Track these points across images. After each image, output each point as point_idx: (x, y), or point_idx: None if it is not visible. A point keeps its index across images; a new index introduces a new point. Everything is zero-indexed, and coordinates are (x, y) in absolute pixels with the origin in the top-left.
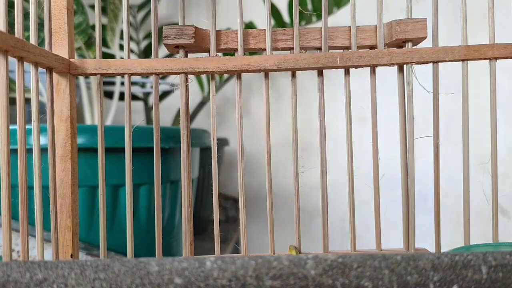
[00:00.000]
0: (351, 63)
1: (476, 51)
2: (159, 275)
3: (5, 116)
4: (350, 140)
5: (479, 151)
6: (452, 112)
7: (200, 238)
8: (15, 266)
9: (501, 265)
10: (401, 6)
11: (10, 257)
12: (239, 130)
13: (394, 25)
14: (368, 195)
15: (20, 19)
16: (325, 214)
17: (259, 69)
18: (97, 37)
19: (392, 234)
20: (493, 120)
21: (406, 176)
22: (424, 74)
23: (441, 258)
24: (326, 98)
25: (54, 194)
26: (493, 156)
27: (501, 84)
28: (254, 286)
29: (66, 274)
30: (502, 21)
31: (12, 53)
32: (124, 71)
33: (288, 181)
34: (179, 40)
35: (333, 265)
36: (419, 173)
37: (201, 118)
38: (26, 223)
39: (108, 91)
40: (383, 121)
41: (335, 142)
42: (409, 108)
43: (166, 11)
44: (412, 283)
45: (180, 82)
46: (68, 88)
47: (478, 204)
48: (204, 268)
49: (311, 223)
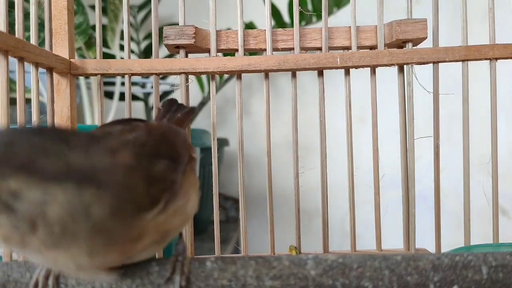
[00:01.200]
0: (351, 64)
1: (476, 52)
2: (159, 275)
3: (5, 116)
4: (350, 140)
5: (479, 151)
6: (452, 112)
7: (200, 238)
8: (15, 266)
9: (501, 265)
10: (401, 6)
11: (10, 257)
12: (239, 130)
13: (394, 25)
14: (368, 195)
15: (21, 19)
16: (325, 214)
17: (260, 69)
18: (97, 37)
19: (392, 234)
20: (494, 120)
21: (406, 176)
22: (425, 75)
23: (441, 258)
24: (326, 98)
25: None
26: (493, 156)
27: (501, 84)
28: (254, 286)
29: (66, 274)
30: (503, 21)
31: (12, 53)
32: (124, 71)
33: (288, 181)
34: (180, 40)
35: (333, 265)
36: (419, 173)
37: (201, 118)
38: None
39: (108, 91)
40: (383, 121)
41: (335, 142)
42: (409, 108)
43: (166, 11)
44: (412, 283)
45: (180, 82)
46: (68, 88)
47: (478, 204)
48: (204, 268)
49: (311, 223)
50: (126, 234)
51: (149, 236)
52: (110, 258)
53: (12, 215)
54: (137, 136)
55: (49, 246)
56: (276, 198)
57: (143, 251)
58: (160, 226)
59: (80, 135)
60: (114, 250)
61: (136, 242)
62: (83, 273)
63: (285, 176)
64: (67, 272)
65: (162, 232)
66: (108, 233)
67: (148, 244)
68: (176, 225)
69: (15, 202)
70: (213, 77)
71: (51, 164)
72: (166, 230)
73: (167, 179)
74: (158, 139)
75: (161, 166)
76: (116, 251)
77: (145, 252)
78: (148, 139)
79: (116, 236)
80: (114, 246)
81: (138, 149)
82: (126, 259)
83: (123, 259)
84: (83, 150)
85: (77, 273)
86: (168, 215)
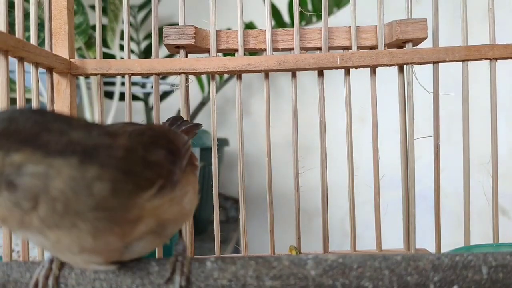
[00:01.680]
0: (351, 64)
1: (476, 52)
2: (159, 275)
3: None
4: (350, 140)
5: (479, 151)
6: (452, 112)
7: (200, 238)
8: (15, 266)
9: (501, 265)
10: (401, 6)
11: (10, 257)
12: (239, 130)
13: (394, 25)
14: (368, 195)
15: (21, 19)
16: (325, 214)
17: (260, 69)
18: (97, 37)
19: (392, 234)
20: (494, 120)
21: (406, 176)
22: (425, 75)
23: (441, 258)
24: (326, 98)
25: None
26: (493, 156)
27: (501, 84)
28: (254, 286)
29: (66, 274)
30: (503, 21)
31: (12, 54)
32: (124, 71)
33: (288, 181)
34: (180, 40)
35: (333, 265)
36: (419, 173)
37: (201, 118)
38: None
39: (108, 91)
40: (383, 121)
41: (335, 142)
42: (409, 108)
43: (166, 11)
44: (412, 283)
45: (180, 82)
46: (68, 88)
47: (478, 204)
48: (204, 268)
49: (311, 223)
50: (126, 215)
51: (146, 220)
52: (111, 240)
53: (14, 192)
54: (137, 127)
55: (51, 226)
56: (276, 198)
57: (141, 239)
58: (157, 212)
59: (80, 119)
60: (115, 232)
61: (134, 225)
62: (85, 259)
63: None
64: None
65: (159, 220)
66: (110, 212)
67: (146, 231)
68: (172, 217)
69: (17, 177)
70: (213, 77)
71: (55, 140)
72: (163, 220)
73: (164, 167)
74: (158, 133)
75: (158, 154)
76: (117, 233)
77: (142, 242)
78: (147, 131)
79: (116, 216)
80: (115, 226)
81: (137, 137)
82: (125, 251)
83: (122, 247)
84: (84, 130)
85: (79, 258)
86: (164, 202)
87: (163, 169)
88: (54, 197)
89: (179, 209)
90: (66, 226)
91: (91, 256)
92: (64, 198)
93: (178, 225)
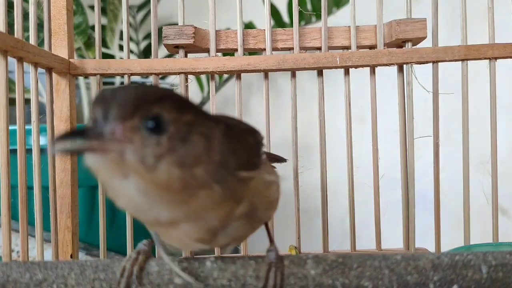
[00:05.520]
0: (351, 63)
1: (476, 51)
2: (159, 275)
3: (5, 116)
4: (350, 140)
5: (479, 151)
6: (452, 112)
7: None
8: (15, 266)
9: (501, 264)
10: (401, 6)
11: (10, 257)
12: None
13: (394, 25)
14: (368, 195)
15: (20, 19)
16: (325, 214)
17: (259, 69)
18: (96, 37)
19: (392, 234)
20: (493, 120)
21: (406, 176)
22: (424, 74)
23: (441, 258)
24: (326, 98)
25: (54, 194)
26: (493, 156)
27: (501, 84)
28: (254, 286)
29: (66, 274)
30: (502, 21)
31: (11, 54)
32: (124, 71)
33: (288, 181)
34: (179, 40)
35: (333, 265)
36: (419, 173)
37: None
38: (26, 223)
39: None
40: (383, 121)
41: (335, 142)
42: (409, 108)
43: (166, 11)
44: (412, 282)
45: (179, 82)
46: (67, 88)
47: (478, 204)
48: (204, 268)
49: (311, 223)
50: (237, 191)
51: (245, 202)
52: (222, 213)
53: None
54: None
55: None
56: None
57: (236, 221)
58: (253, 192)
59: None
60: (228, 205)
61: (238, 204)
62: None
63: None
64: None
65: (252, 203)
66: (231, 185)
67: (242, 214)
68: (263, 201)
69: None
70: (212, 77)
71: (201, 110)
72: (255, 203)
73: (256, 151)
74: (247, 125)
75: (251, 140)
76: (228, 207)
77: (236, 225)
78: (241, 123)
79: (234, 189)
80: (230, 199)
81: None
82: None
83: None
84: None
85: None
86: (258, 184)
87: (256, 154)
88: (211, 156)
89: (268, 195)
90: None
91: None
92: (219, 158)
93: (266, 212)
